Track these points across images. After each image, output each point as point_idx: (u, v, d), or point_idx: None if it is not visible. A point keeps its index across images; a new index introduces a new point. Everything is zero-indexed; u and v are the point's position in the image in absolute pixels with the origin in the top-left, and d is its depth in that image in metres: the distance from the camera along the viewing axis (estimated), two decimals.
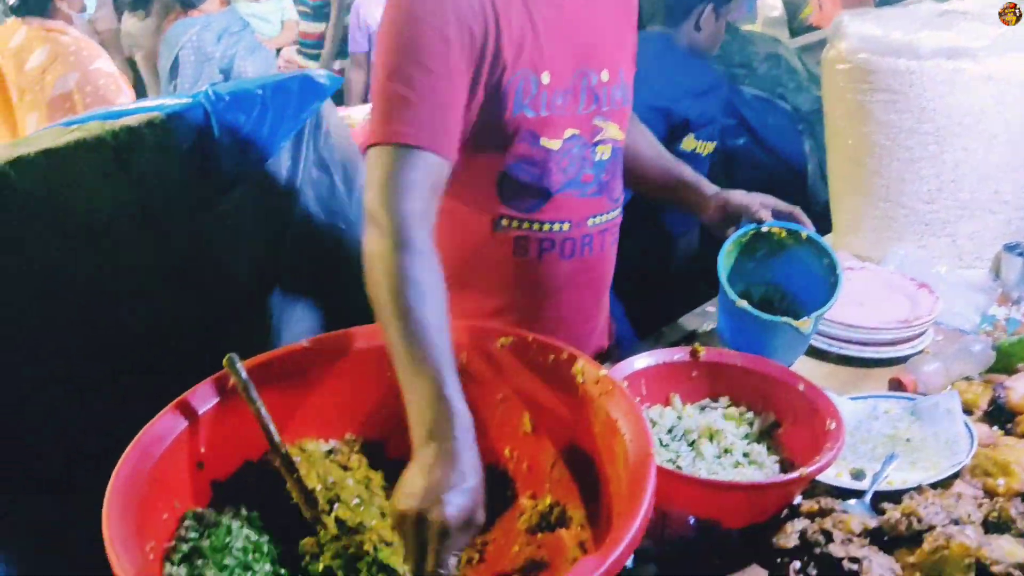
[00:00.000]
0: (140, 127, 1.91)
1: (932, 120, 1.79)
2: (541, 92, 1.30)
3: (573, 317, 1.48)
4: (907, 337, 1.57)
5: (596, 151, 1.39)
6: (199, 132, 1.98)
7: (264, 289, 2.17)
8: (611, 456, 1.03)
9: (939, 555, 0.96)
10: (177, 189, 1.96)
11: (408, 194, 1.16)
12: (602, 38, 1.38)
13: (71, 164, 1.78)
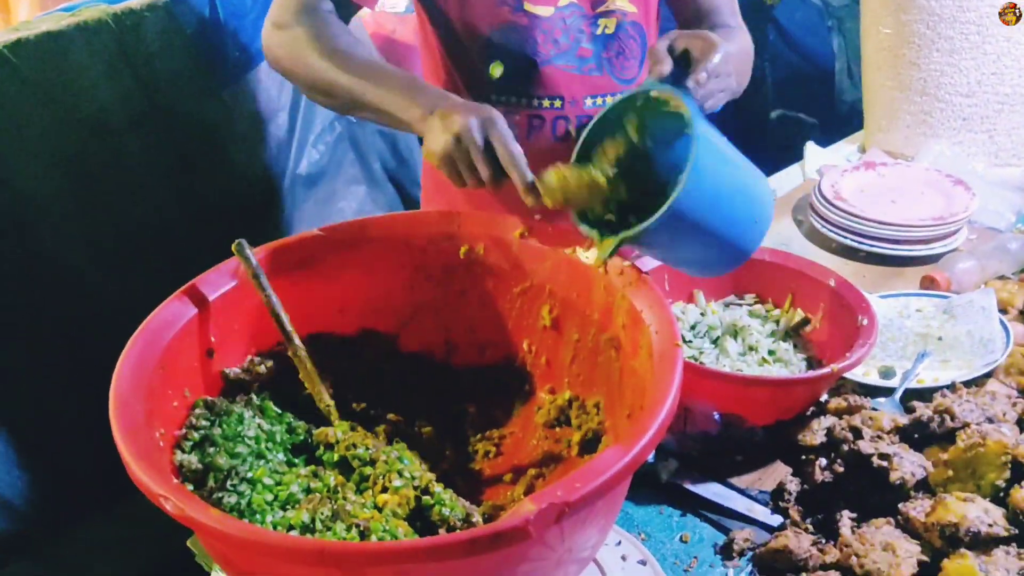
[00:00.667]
0: (142, 10, 1.82)
1: (975, 8, 1.69)
2: None
3: None
4: (941, 235, 1.51)
5: (598, 23, 1.29)
6: (203, 16, 1.90)
7: (274, 183, 2.12)
8: (635, 348, 0.99)
9: (974, 452, 0.93)
10: (182, 75, 1.89)
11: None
12: None
13: (73, 49, 1.71)
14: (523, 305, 1.16)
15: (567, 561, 0.85)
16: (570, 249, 1.10)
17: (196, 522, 0.73)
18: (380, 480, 0.94)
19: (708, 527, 1.03)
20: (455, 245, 1.16)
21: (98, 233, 1.76)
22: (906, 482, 0.95)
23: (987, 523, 0.86)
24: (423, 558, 0.71)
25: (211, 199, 1.96)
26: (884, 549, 0.87)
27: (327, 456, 0.98)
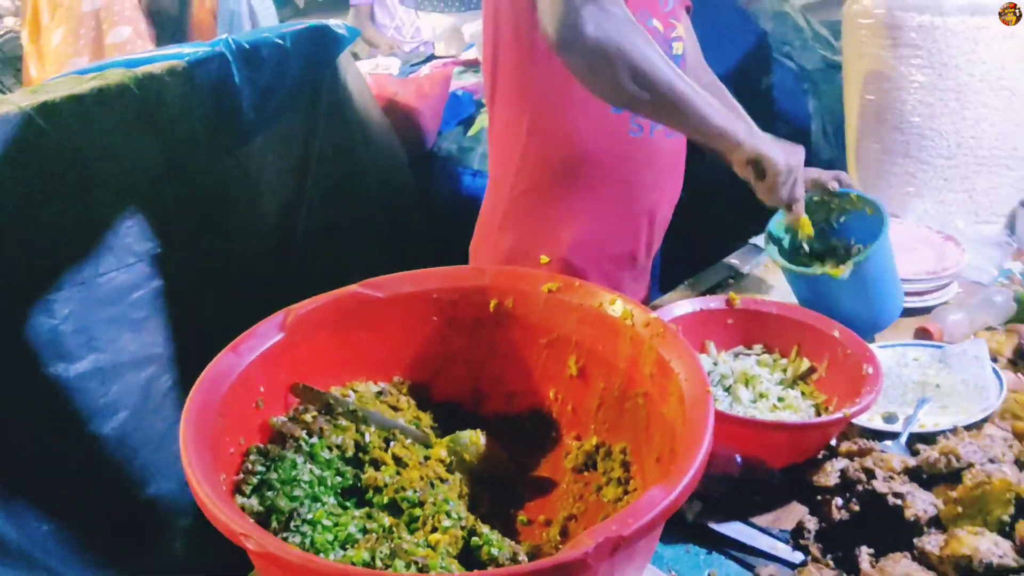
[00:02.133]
0: (163, 75, 1.91)
1: (953, 76, 1.82)
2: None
3: (667, 208, 1.65)
4: (933, 288, 1.61)
5: (673, 46, 1.50)
6: (221, 80, 1.99)
7: (285, 237, 2.19)
8: (663, 396, 1.06)
9: (981, 490, 1.00)
10: (200, 137, 1.97)
11: None
12: None
13: (98, 112, 1.78)
14: (550, 356, 1.23)
15: None
16: (597, 302, 1.17)
17: (280, 560, 0.78)
18: (430, 521, 0.99)
19: (733, 564, 1.09)
20: (485, 299, 1.23)
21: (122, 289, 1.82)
22: (920, 519, 1.02)
23: (998, 555, 0.93)
24: None
25: (227, 254, 2.02)
26: None
27: (377, 499, 1.03)
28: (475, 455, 1.14)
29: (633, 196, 1.57)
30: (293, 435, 1.07)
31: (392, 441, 1.12)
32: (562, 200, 1.56)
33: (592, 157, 1.52)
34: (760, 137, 1.35)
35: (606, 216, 1.58)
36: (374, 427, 1.12)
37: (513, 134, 1.54)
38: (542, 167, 1.54)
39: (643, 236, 1.64)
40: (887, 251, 1.41)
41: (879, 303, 1.44)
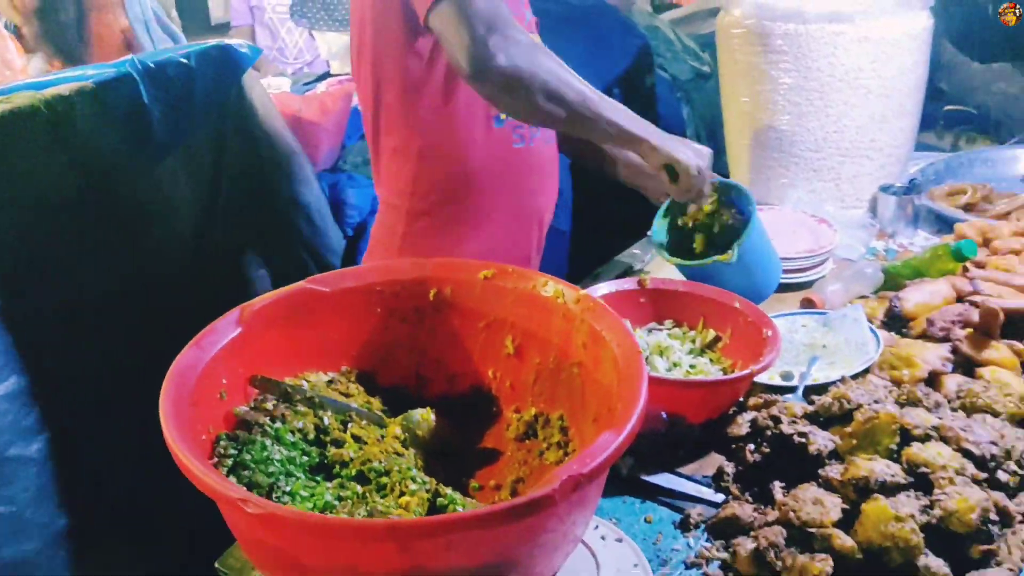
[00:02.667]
0: (72, 96, 1.92)
1: (817, 78, 2.03)
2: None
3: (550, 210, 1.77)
4: (812, 264, 1.80)
5: None
6: (130, 100, 2.01)
7: (200, 253, 2.22)
8: (597, 363, 1.18)
9: (871, 424, 1.17)
10: (112, 157, 1.98)
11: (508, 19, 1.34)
12: None
13: (9, 135, 1.78)
14: (487, 337, 1.33)
15: (570, 536, 1.02)
16: (530, 285, 1.29)
17: (279, 518, 0.86)
18: (397, 486, 1.08)
19: (665, 509, 1.23)
20: (425, 289, 1.33)
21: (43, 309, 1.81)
22: (822, 452, 1.17)
23: (890, 474, 1.09)
24: (475, 526, 0.87)
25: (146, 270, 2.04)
26: (814, 503, 1.09)
27: (345, 472, 1.11)
28: (427, 431, 1.24)
29: (522, 204, 1.69)
30: (257, 422, 1.14)
31: (349, 423, 1.20)
32: (458, 216, 1.65)
33: (482, 172, 1.61)
34: (671, 141, 1.48)
35: (500, 226, 1.68)
36: (331, 411, 1.20)
37: (403, 160, 1.62)
38: (436, 188, 1.62)
39: (534, 239, 1.76)
40: (760, 232, 1.58)
41: (760, 276, 1.61)
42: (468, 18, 1.31)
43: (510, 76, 1.32)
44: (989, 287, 1.56)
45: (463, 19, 1.31)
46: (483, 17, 1.31)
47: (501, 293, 1.31)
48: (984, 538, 1.04)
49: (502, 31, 1.31)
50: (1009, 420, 1.28)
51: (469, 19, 1.31)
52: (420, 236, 1.67)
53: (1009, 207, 2.02)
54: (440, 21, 1.34)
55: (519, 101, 1.36)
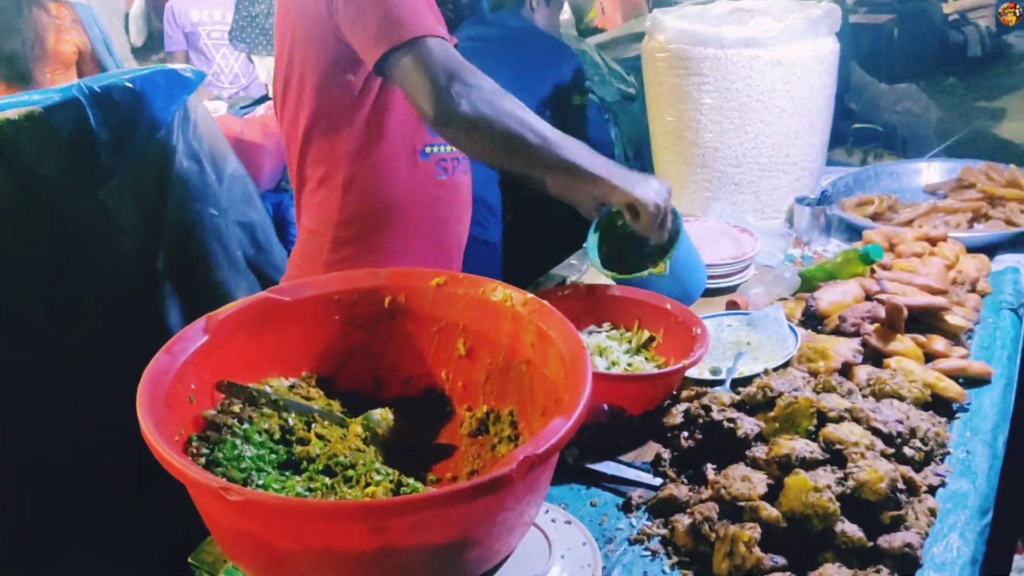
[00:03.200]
0: (20, 120, 1.96)
1: (735, 99, 2.18)
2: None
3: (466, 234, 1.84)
4: (736, 270, 1.94)
5: None
6: (77, 124, 2.05)
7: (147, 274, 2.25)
8: (544, 360, 1.28)
9: (791, 408, 1.29)
10: (59, 180, 2.02)
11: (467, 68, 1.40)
12: None
13: None
14: (440, 341, 1.42)
15: (525, 518, 1.11)
16: (480, 291, 1.38)
17: (259, 504, 0.93)
18: (363, 478, 1.16)
19: (609, 494, 1.33)
20: (380, 297, 1.41)
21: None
22: (748, 436, 1.29)
23: (809, 451, 1.21)
24: (443, 504, 0.95)
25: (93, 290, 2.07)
26: (743, 480, 1.20)
27: (312, 467, 1.18)
28: (386, 430, 1.32)
29: (444, 231, 1.76)
30: (226, 424, 1.21)
31: (312, 423, 1.28)
32: (381, 245, 1.69)
33: (406, 203, 1.67)
34: (632, 180, 1.52)
35: (424, 253, 1.73)
36: (295, 413, 1.27)
37: (328, 190, 1.66)
38: (360, 218, 1.67)
39: (455, 264, 1.83)
40: (687, 242, 1.68)
41: (689, 282, 1.72)
42: (430, 68, 1.38)
43: (473, 122, 1.38)
44: (894, 286, 1.71)
45: (425, 70, 1.38)
46: (444, 66, 1.38)
47: (452, 299, 1.40)
48: (893, 505, 1.17)
49: (463, 79, 1.38)
50: (914, 403, 1.42)
51: (431, 69, 1.38)
52: (343, 264, 1.69)
53: (912, 215, 2.20)
54: (401, 73, 1.41)
55: (482, 145, 1.43)
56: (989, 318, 1.77)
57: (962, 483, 1.29)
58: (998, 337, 1.69)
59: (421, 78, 1.38)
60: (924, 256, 1.89)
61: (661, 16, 2.30)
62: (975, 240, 2.05)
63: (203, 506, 1.04)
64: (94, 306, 2.08)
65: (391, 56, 1.41)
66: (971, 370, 1.53)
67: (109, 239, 2.15)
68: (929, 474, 1.30)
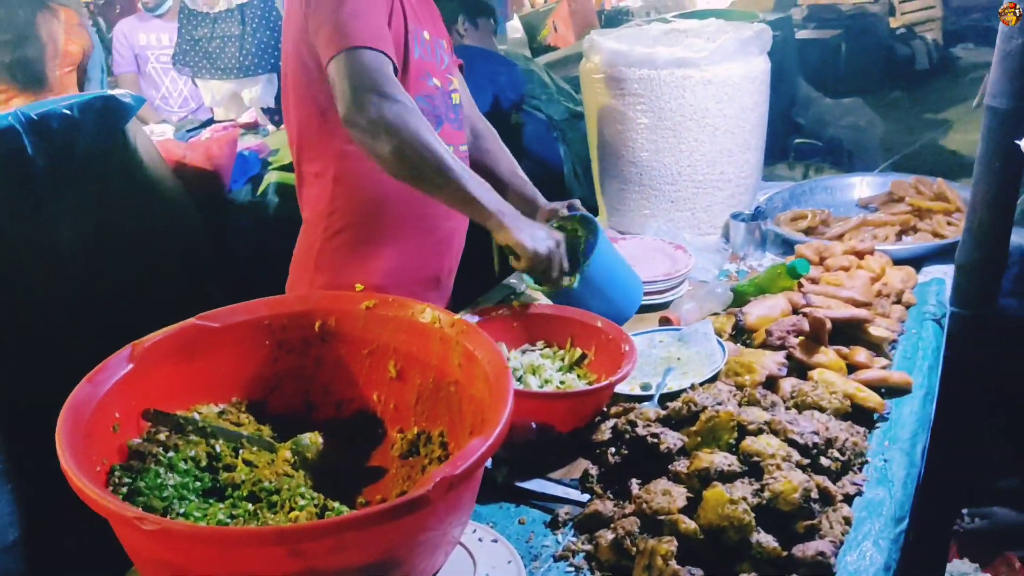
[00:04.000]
0: None
1: (669, 118, 2.23)
2: (426, 44, 1.70)
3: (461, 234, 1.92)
4: (670, 286, 1.98)
5: (452, 97, 1.79)
6: (12, 151, 2.05)
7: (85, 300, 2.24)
8: (471, 380, 1.30)
9: (712, 422, 1.33)
10: None
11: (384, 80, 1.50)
12: (436, 18, 1.82)
13: None
14: (372, 363, 1.43)
15: (448, 537, 1.13)
16: (409, 312, 1.40)
17: (174, 532, 0.94)
18: (287, 503, 1.17)
19: (538, 511, 1.35)
20: (311, 320, 1.42)
21: None
22: (671, 450, 1.32)
23: (727, 464, 1.24)
24: (359, 526, 0.96)
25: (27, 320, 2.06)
26: (663, 494, 1.23)
27: (237, 493, 1.19)
28: (315, 453, 1.33)
29: (432, 226, 1.83)
30: (151, 452, 1.21)
31: (240, 449, 1.28)
32: (371, 236, 1.79)
33: (394, 197, 1.76)
34: (521, 225, 1.59)
35: (410, 246, 1.82)
36: (222, 439, 1.28)
37: (322, 184, 1.77)
38: (351, 209, 1.77)
39: (444, 260, 1.90)
40: (608, 258, 1.72)
41: (619, 298, 1.75)
42: (354, 71, 1.49)
43: (376, 128, 1.48)
44: (820, 300, 1.76)
45: (349, 74, 1.49)
46: (367, 73, 1.49)
47: (383, 321, 1.42)
48: (807, 515, 1.20)
49: (380, 90, 1.49)
50: (834, 414, 1.46)
51: (355, 72, 1.49)
52: (334, 254, 1.80)
53: (842, 229, 2.26)
54: (332, 70, 1.52)
55: (381, 151, 1.51)
56: (913, 329, 1.82)
57: (878, 491, 1.33)
58: (920, 347, 1.75)
59: (343, 82, 1.49)
60: (852, 269, 1.94)
61: (597, 37, 2.34)
62: (902, 252, 2.11)
63: (122, 536, 1.04)
64: (30, 335, 2.07)
65: (331, 63, 1.52)
66: (891, 380, 1.58)
67: (45, 265, 2.14)
68: (847, 483, 1.33)
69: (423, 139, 1.50)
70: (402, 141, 1.48)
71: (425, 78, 1.71)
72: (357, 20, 1.51)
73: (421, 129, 1.50)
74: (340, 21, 1.51)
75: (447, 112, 1.77)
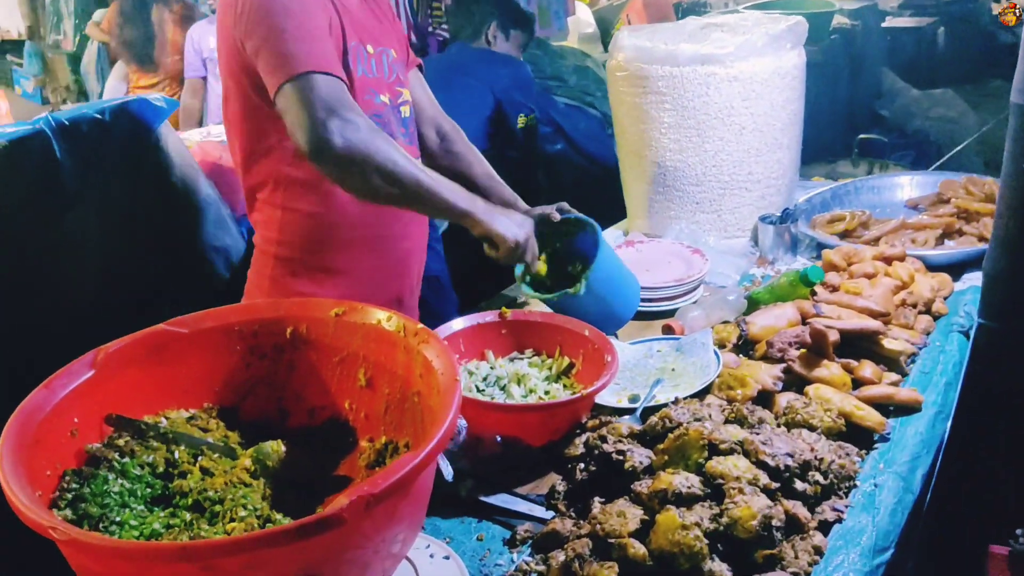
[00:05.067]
0: None
1: (693, 116, 2.15)
2: (370, 59, 1.62)
3: (420, 252, 1.86)
4: (682, 292, 1.90)
5: (401, 110, 1.72)
6: (42, 155, 2.11)
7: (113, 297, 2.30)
8: (430, 391, 1.26)
9: (681, 440, 1.26)
10: (23, 208, 2.08)
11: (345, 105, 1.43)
12: (385, 23, 1.73)
13: None
14: (342, 371, 1.41)
15: (383, 554, 1.10)
16: (376, 320, 1.38)
17: (80, 543, 0.94)
18: (228, 513, 1.16)
19: (499, 527, 1.31)
20: (282, 327, 1.41)
21: None
22: (636, 468, 1.26)
23: (687, 486, 1.18)
24: (267, 544, 0.94)
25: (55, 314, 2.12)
26: (618, 515, 1.17)
27: (183, 502, 1.19)
28: (277, 461, 1.31)
29: (387, 248, 1.76)
30: (107, 457, 1.22)
31: (200, 456, 1.28)
32: (322, 264, 1.72)
33: (344, 221, 1.69)
34: (494, 216, 1.57)
35: (365, 269, 1.75)
36: (184, 446, 1.28)
37: (270, 210, 1.69)
38: (299, 235, 1.69)
39: (404, 280, 1.83)
40: (609, 262, 1.67)
41: (616, 303, 1.70)
42: (310, 101, 1.40)
43: (345, 158, 1.40)
44: (831, 309, 1.65)
45: (305, 102, 1.40)
46: (324, 101, 1.40)
47: (352, 329, 1.40)
48: (767, 543, 1.12)
49: (341, 115, 1.40)
50: (826, 433, 1.37)
51: (311, 102, 1.40)
52: (285, 281, 1.73)
53: (879, 232, 2.13)
54: (284, 101, 1.43)
55: (355, 180, 1.45)
56: (937, 341, 1.69)
57: (861, 518, 1.24)
58: (941, 362, 1.63)
59: (300, 110, 1.40)
60: (877, 276, 1.82)
61: (622, 34, 2.27)
62: (940, 258, 1.98)
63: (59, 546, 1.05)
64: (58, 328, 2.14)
65: (279, 92, 1.44)
66: (898, 397, 1.48)
67: (74, 263, 2.21)
68: (827, 509, 1.25)
69: (392, 160, 1.43)
70: (374, 168, 1.42)
71: (371, 96, 1.64)
72: (300, 43, 1.43)
73: (389, 150, 1.44)
74: (282, 44, 1.43)
75: (397, 128, 1.70)
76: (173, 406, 1.37)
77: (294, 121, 1.41)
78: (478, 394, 1.51)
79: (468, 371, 1.56)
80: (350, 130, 1.40)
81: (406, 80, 1.78)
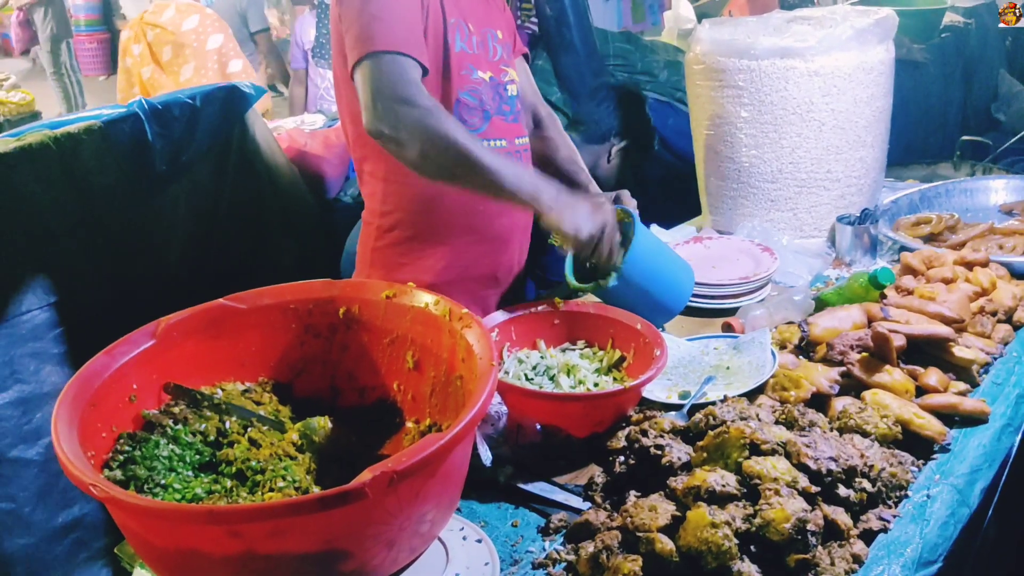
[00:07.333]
0: (79, 134, 2.14)
1: (770, 111, 2.09)
2: (471, 36, 1.67)
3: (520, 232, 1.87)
4: (747, 291, 1.86)
5: (508, 88, 1.75)
6: (134, 137, 2.22)
7: (195, 278, 2.40)
8: (471, 375, 1.28)
9: (721, 438, 1.23)
10: (114, 189, 2.19)
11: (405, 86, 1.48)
12: (494, 9, 1.79)
13: (18, 168, 2.00)
14: (392, 353, 1.44)
15: (409, 531, 1.11)
16: (423, 303, 1.40)
17: (116, 500, 0.98)
18: (268, 483, 1.20)
19: (534, 515, 1.31)
20: (335, 307, 1.45)
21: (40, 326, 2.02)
22: (674, 463, 1.24)
23: (721, 484, 1.15)
24: (291, 512, 0.97)
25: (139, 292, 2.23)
26: (649, 510, 1.16)
27: (227, 470, 1.23)
28: (323, 437, 1.35)
29: (484, 223, 1.79)
30: (161, 423, 1.28)
31: (250, 427, 1.33)
32: (422, 234, 1.77)
33: (442, 195, 1.73)
34: (561, 206, 1.53)
35: (462, 244, 1.79)
36: (235, 416, 1.33)
37: (374, 182, 1.77)
38: (401, 208, 1.76)
39: (501, 257, 1.85)
40: (649, 253, 1.63)
41: (662, 294, 1.65)
42: (373, 80, 1.47)
43: (398, 136, 1.46)
44: (900, 314, 1.59)
45: (369, 80, 1.48)
46: (386, 81, 1.47)
47: (401, 311, 1.42)
48: (800, 548, 1.09)
49: (400, 96, 1.46)
50: (880, 440, 1.32)
51: (374, 81, 1.47)
52: (387, 251, 1.81)
53: (965, 237, 2.03)
54: (357, 78, 1.51)
55: (408, 157, 1.49)
56: (1015, 351, 1.61)
57: (908, 529, 1.19)
58: (1015, 373, 1.54)
59: (365, 90, 1.48)
60: (955, 282, 1.74)
61: (703, 27, 2.23)
62: None
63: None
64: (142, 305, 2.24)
65: (355, 70, 1.51)
66: (963, 408, 1.41)
67: (161, 244, 2.32)
68: (872, 517, 1.20)
69: (448, 138, 1.46)
70: (425, 144, 1.46)
71: (468, 71, 1.68)
72: (379, 23, 1.49)
73: (444, 129, 1.47)
74: (363, 24, 1.50)
75: (499, 105, 1.73)
76: (229, 378, 1.42)
77: (360, 101, 1.50)
78: (526, 382, 1.51)
79: (518, 359, 1.57)
80: (404, 110, 1.45)
81: (512, 61, 1.82)
